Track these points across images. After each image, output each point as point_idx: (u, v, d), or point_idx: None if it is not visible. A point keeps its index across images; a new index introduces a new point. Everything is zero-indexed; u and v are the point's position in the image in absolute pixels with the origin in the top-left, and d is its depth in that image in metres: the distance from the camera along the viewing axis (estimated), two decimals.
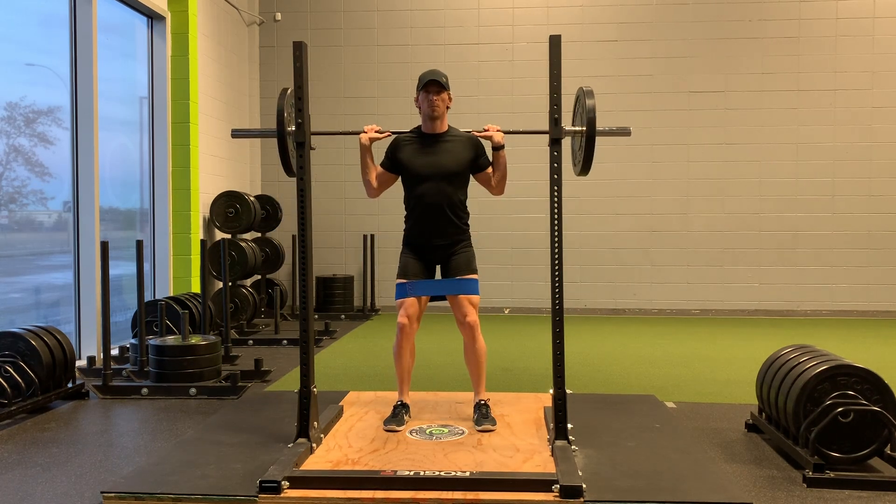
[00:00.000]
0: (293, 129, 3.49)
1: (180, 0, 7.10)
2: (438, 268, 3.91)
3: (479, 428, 3.68)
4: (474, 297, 3.80)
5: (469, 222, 3.91)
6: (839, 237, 8.65)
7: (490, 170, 3.82)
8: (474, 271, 3.85)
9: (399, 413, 3.79)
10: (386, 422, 3.74)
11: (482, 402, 3.84)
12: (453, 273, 3.82)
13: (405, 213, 3.90)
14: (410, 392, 3.97)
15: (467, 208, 3.89)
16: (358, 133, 3.76)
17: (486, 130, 3.74)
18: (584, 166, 3.53)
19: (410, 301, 3.78)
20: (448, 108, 3.78)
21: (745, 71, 8.64)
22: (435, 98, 3.70)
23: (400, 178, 3.86)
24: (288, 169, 3.54)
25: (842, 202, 8.64)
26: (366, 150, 3.77)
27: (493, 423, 3.73)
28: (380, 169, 3.85)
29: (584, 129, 3.42)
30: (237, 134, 3.80)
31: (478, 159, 3.81)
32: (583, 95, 3.51)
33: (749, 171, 8.70)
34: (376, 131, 3.75)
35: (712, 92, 8.69)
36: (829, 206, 8.65)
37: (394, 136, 3.84)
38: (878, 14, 8.51)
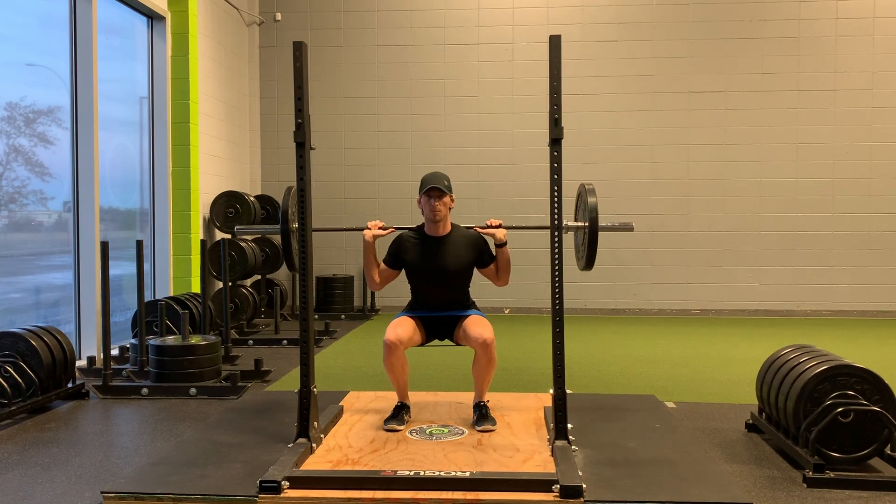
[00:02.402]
0: (297, 226, 3.54)
1: (180, 0, 7.10)
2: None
3: (479, 428, 3.68)
4: (483, 319, 3.79)
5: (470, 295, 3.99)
6: (839, 237, 8.65)
7: (493, 266, 3.86)
8: (476, 307, 3.96)
9: (399, 413, 3.79)
10: (386, 421, 3.74)
11: (482, 402, 3.84)
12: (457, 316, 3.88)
13: (410, 294, 3.95)
14: (410, 392, 3.98)
15: (468, 290, 3.96)
16: (362, 229, 3.80)
17: (488, 226, 3.76)
18: (588, 262, 3.60)
19: (406, 325, 3.76)
20: (451, 209, 3.81)
21: (745, 71, 8.64)
22: (437, 203, 3.72)
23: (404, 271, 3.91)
24: (290, 265, 3.60)
25: (842, 202, 8.64)
26: (370, 248, 3.81)
27: (493, 423, 3.73)
28: (383, 266, 3.90)
29: (587, 225, 3.48)
30: (241, 231, 3.98)
31: (481, 257, 3.85)
32: (584, 193, 3.60)
33: (749, 171, 8.70)
34: (380, 228, 3.79)
35: (712, 92, 8.69)
36: (829, 206, 8.65)
37: (398, 234, 3.89)
38: (878, 14, 8.51)
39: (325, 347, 6.60)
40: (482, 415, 3.76)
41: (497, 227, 3.76)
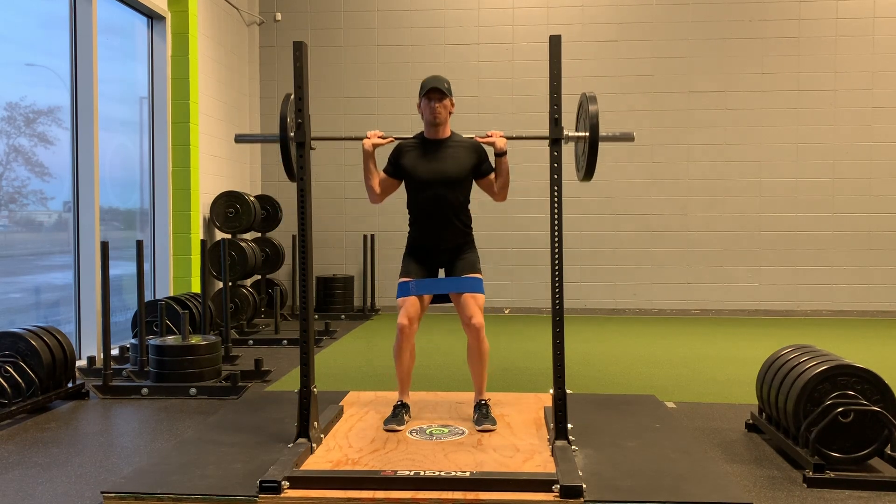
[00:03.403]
0: (294, 134, 3.49)
1: (180, 0, 7.10)
2: (442, 271, 3.91)
3: (480, 427, 3.68)
4: (480, 298, 3.77)
5: (472, 225, 3.91)
6: (839, 237, 8.65)
7: (492, 176, 3.81)
8: (478, 271, 3.85)
9: (399, 413, 3.79)
10: (386, 421, 3.74)
11: (482, 401, 3.84)
12: (457, 273, 3.82)
13: (409, 217, 3.89)
14: (410, 392, 3.98)
15: (470, 212, 3.89)
16: (361, 139, 3.74)
17: (488, 136, 3.71)
18: (588, 172, 3.53)
19: (412, 301, 3.75)
20: (451, 113, 3.77)
21: (745, 71, 8.64)
22: (437, 105, 3.69)
23: (403, 184, 3.85)
24: (290, 174, 3.55)
25: (842, 202, 8.64)
26: (369, 157, 3.76)
27: (494, 422, 3.73)
28: (383, 175, 3.85)
29: (588, 134, 3.42)
30: (240, 139, 3.82)
31: (480, 165, 3.80)
32: (586, 101, 3.51)
33: (749, 171, 8.70)
34: (379, 137, 3.72)
35: (712, 92, 8.69)
36: (829, 206, 8.65)
37: (397, 143, 3.83)
38: (878, 14, 8.51)
39: (325, 347, 6.60)
40: (483, 414, 3.76)
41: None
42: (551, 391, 3.37)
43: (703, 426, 4.07)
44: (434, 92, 3.69)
